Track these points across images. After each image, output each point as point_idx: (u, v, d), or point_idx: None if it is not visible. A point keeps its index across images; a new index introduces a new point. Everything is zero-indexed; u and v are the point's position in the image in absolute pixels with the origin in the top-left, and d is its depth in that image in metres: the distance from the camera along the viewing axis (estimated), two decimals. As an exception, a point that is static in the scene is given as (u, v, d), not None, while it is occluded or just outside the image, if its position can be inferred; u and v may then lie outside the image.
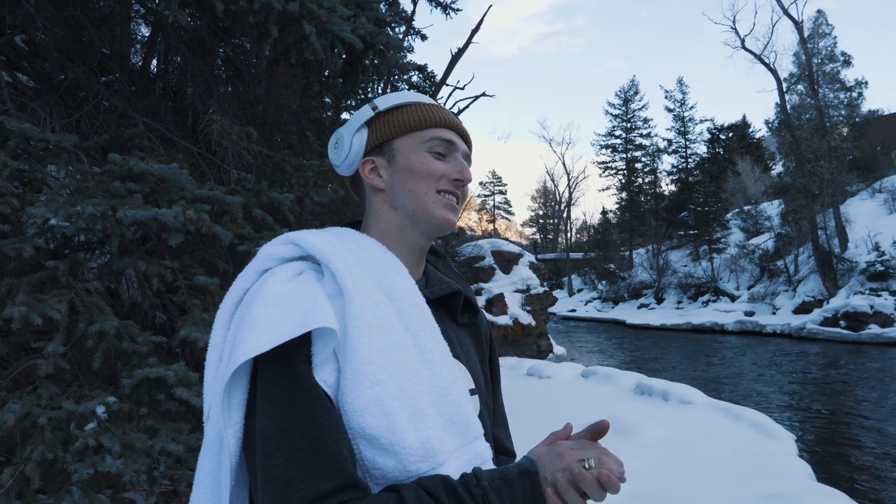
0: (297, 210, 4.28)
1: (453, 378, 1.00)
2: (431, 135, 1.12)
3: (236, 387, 0.90)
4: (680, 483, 5.30)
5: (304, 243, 1.02)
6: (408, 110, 1.14)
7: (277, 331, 0.86)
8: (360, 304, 0.94)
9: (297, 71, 5.11)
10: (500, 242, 20.83)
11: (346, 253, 1.02)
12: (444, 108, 1.18)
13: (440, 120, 1.14)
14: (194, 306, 3.26)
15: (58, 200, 2.89)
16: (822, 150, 27.35)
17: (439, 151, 1.12)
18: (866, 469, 7.43)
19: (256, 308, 0.92)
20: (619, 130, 49.82)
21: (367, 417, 0.88)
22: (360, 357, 0.90)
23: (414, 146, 1.12)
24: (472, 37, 13.90)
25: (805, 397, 12.11)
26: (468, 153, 1.18)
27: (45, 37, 4.07)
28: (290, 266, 1.00)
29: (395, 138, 1.13)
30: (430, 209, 1.10)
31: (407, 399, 0.92)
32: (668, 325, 29.46)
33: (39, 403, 2.77)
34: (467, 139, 1.19)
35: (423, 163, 1.11)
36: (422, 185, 1.10)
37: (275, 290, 0.94)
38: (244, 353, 0.86)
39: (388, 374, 0.91)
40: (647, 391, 9.32)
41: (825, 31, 32.19)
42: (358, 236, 1.10)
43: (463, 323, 1.20)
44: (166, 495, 3.81)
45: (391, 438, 0.88)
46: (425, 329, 1.01)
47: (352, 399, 0.88)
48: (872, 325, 21.05)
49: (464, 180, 1.13)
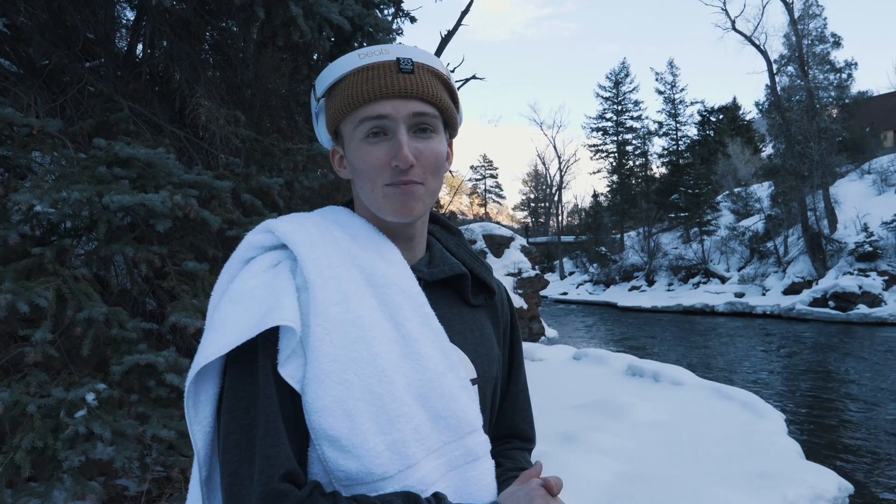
0: (287, 194, 4.25)
1: (446, 368, 0.94)
2: (361, 116, 0.96)
3: (205, 383, 0.91)
4: (670, 462, 5.35)
5: (278, 231, 0.97)
6: (339, 89, 0.99)
7: (236, 331, 0.85)
8: (324, 299, 0.89)
9: (285, 54, 5.05)
10: (491, 226, 20.82)
11: (322, 240, 0.96)
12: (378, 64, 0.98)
13: (366, 93, 0.95)
14: (184, 292, 3.24)
15: (43, 186, 2.86)
16: (811, 132, 27.42)
17: (375, 132, 0.96)
18: (854, 447, 7.52)
19: (223, 305, 0.91)
20: (610, 113, 49.82)
21: (328, 418, 0.84)
22: (322, 355, 0.85)
23: (351, 135, 0.99)
24: (461, 19, 13.81)
25: (794, 377, 12.23)
26: (419, 111, 0.97)
27: (28, 21, 4.00)
28: (268, 256, 0.96)
29: (339, 124, 1.01)
30: (381, 207, 0.98)
31: (374, 399, 0.86)
32: (660, 307, 29.63)
33: (28, 391, 2.76)
34: (411, 90, 0.96)
35: (360, 157, 0.97)
36: (367, 182, 0.98)
37: (244, 284, 0.91)
38: (205, 356, 0.85)
39: (353, 373, 0.86)
40: (638, 372, 9.39)
41: (815, 12, 32.13)
42: (348, 218, 1.04)
43: (477, 304, 1.11)
44: (159, 481, 3.80)
45: (353, 441, 0.84)
46: (412, 318, 0.95)
47: (312, 399, 0.84)
48: (861, 306, 21.24)
49: (400, 165, 0.94)
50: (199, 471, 0.91)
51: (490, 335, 1.11)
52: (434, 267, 1.05)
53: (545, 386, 8.76)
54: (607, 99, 49.81)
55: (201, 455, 0.91)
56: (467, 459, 0.95)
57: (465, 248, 1.15)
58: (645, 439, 6.06)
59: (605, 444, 5.69)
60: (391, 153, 0.95)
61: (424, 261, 1.06)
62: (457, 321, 1.04)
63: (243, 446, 0.83)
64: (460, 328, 1.04)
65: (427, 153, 0.97)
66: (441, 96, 1.00)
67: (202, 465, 0.91)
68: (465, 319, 1.07)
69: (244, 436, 0.84)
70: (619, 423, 6.56)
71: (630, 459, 5.31)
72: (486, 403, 1.06)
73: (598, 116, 50.32)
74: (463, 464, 0.94)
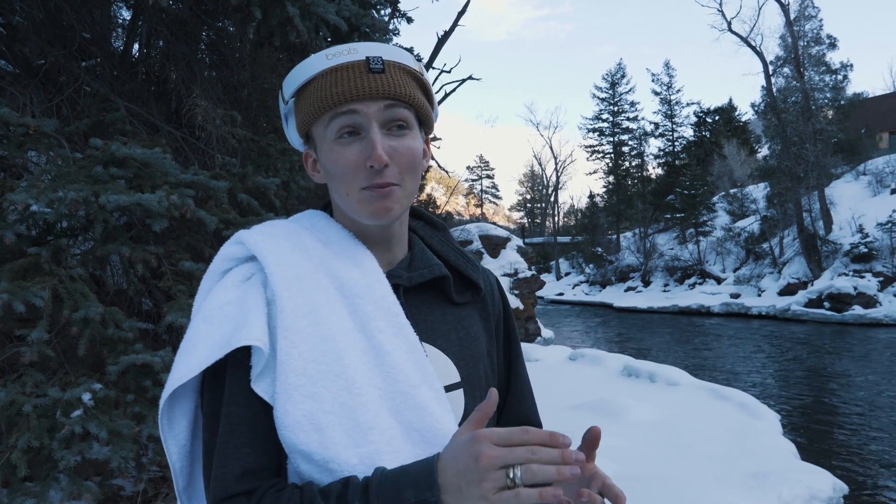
0: (283, 195, 4.26)
1: (419, 380, 0.91)
2: (331, 115, 0.92)
3: (181, 398, 0.94)
4: (666, 463, 5.36)
5: (248, 242, 0.95)
6: (308, 91, 0.95)
7: (206, 352, 0.86)
8: (291, 312, 0.87)
9: (281, 54, 5.05)
10: (487, 226, 20.83)
11: (292, 251, 0.94)
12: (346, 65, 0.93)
13: (335, 96, 0.91)
14: (180, 292, 3.24)
15: (39, 186, 2.85)
16: (807, 133, 27.50)
17: (349, 132, 0.92)
18: (849, 447, 7.55)
19: (196, 324, 0.91)
20: (607, 114, 49.81)
21: (299, 434, 0.83)
22: (289, 370, 0.84)
23: (322, 137, 0.95)
24: (457, 20, 13.82)
25: (789, 378, 12.26)
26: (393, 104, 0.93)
27: (24, 20, 4.00)
28: (242, 269, 0.95)
29: (310, 127, 0.97)
30: (357, 211, 0.94)
31: (345, 412, 0.85)
32: (655, 308, 29.68)
33: (24, 391, 2.76)
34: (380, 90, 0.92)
35: (333, 160, 0.93)
36: (342, 186, 0.94)
37: (217, 301, 0.91)
38: (177, 377, 0.87)
39: (322, 387, 0.84)
40: (634, 373, 9.41)
41: (811, 13, 32.21)
42: (324, 223, 1.01)
43: (462, 302, 1.06)
44: (155, 481, 3.80)
45: (325, 455, 0.83)
46: (384, 328, 0.92)
47: (282, 414, 0.83)
48: (856, 307, 21.30)
49: (374, 166, 0.90)
50: (177, 480, 0.95)
51: (477, 332, 1.07)
52: (414, 270, 1.02)
53: (541, 386, 8.72)
54: (603, 100, 49.84)
55: (177, 467, 0.94)
56: None
57: (450, 244, 1.11)
58: (640, 439, 6.07)
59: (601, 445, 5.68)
60: (364, 153, 0.91)
61: (405, 263, 1.03)
62: (439, 323, 1.02)
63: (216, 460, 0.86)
64: (443, 330, 1.02)
65: (402, 151, 0.93)
66: (414, 94, 0.95)
67: (178, 476, 0.95)
68: (449, 319, 1.03)
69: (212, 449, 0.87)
70: (615, 424, 6.57)
71: (625, 460, 5.31)
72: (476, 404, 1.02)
73: (595, 117, 50.33)
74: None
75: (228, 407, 0.87)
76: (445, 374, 0.98)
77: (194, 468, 0.97)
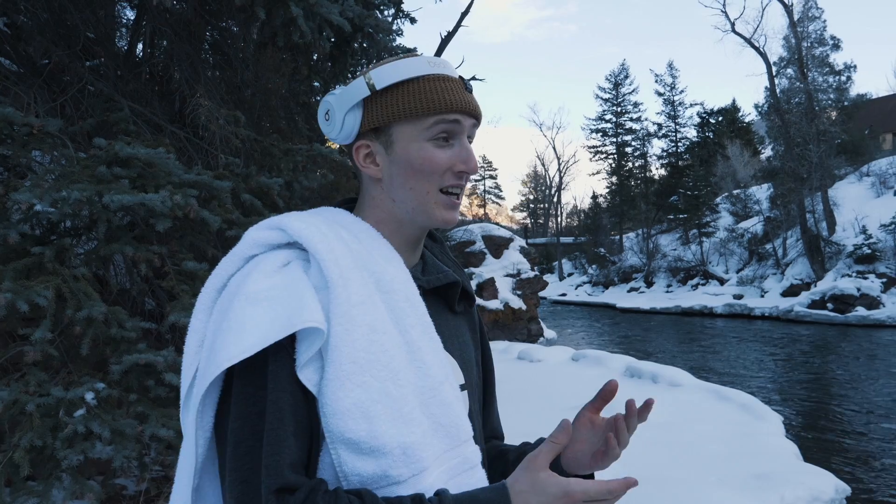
0: (286, 195, 4.26)
1: (444, 377, 0.95)
2: (437, 118, 0.98)
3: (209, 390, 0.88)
4: (668, 463, 5.36)
5: (291, 229, 0.94)
6: (410, 89, 0.98)
7: (258, 334, 0.82)
8: (346, 300, 0.88)
9: (285, 55, 5.06)
10: (490, 227, 20.84)
11: (335, 241, 0.94)
12: (450, 78, 1.01)
13: (447, 103, 0.97)
14: (183, 292, 3.25)
15: (43, 186, 2.86)
16: (810, 134, 27.45)
17: (444, 137, 0.99)
18: (851, 449, 7.53)
19: (238, 306, 0.86)
20: (610, 115, 49.78)
21: (349, 421, 0.83)
22: (343, 357, 0.85)
23: (415, 135, 0.98)
24: (461, 20, 13.82)
25: (792, 379, 12.24)
26: (476, 124, 1.04)
27: (28, 20, 4.01)
28: (277, 254, 0.94)
29: (394, 124, 0.99)
30: (430, 211, 1.00)
31: (391, 402, 0.87)
32: (658, 309, 29.62)
33: (27, 390, 2.76)
34: (476, 112, 1.03)
35: (425, 158, 0.98)
36: (423, 184, 0.99)
37: (258, 285, 0.88)
38: (225, 359, 0.83)
39: (371, 375, 0.86)
40: (636, 374, 9.40)
41: (815, 14, 32.18)
42: (351, 220, 1.02)
43: (459, 311, 1.13)
44: (157, 481, 3.81)
45: (373, 444, 0.84)
46: (416, 325, 0.95)
47: (332, 401, 0.83)
48: (859, 308, 21.24)
49: (468, 172, 1.00)
50: (197, 473, 0.90)
51: (468, 341, 1.14)
52: (429, 275, 1.06)
53: (543, 387, 8.76)
54: (607, 100, 49.81)
55: (199, 459, 0.89)
56: (465, 467, 0.95)
57: (449, 257, 1.17)
58: (643, 440, 6.04)
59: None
60: (459, 157, 1.00)
61: (418, 269, 1.07)
62: (445, 328, 1.05)
63: (255, 454, 0.82)
64: (448, 335, 1.05)
65: (476, 165, 1.02)
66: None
67: (197, 473, 0.90)
68: (451, 326, 1.08)
69: (256, 443, 0.82)
70: (618, 425, 6.55)
71: (628, 460, 5.30)
72: (475, 408, 1.09)
73: (598, 118, 50.30)
74: (462, 472, 0.94)
75: (275, 393, 0.84)
76: (456, 376, 1.04)
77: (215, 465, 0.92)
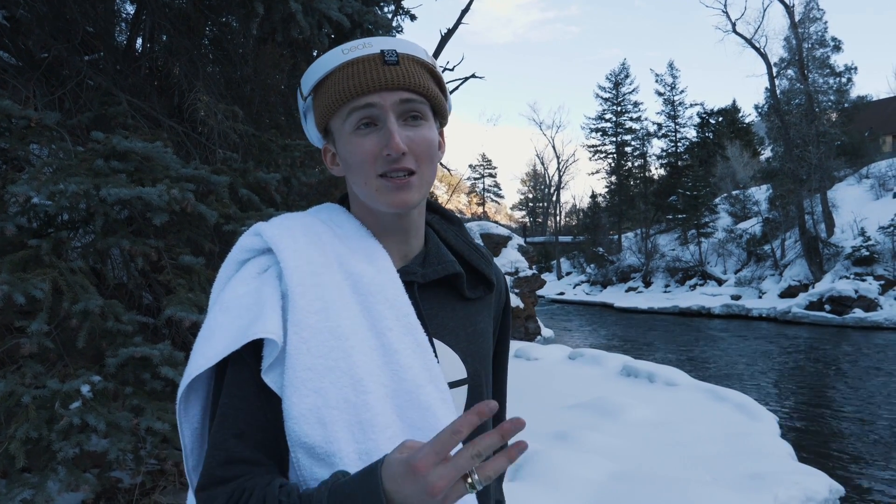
0: (284, 190, 4.26)
1: (426, 380, 0.93)
2: (349, 108, 0.95)
3: (195, 384, 0.97)
4: (663, 463, 5.37)
5: (265, 235, 0.98)
6: (326, 85, 0.98)
7: (222, 343, 0.89)
8: (302, 308, 0.89)
9: (284, 50, 5.05)
10: (489, 225, 20.84)
11: (308, 245, 0.96)
12: (362, 58, 0.96)
13: (353, 89, 0.93)
14: (180, 286, 3.25)
15: (40, 178, 2.86)
16: (810, 136, 27.46)
17: (366, 123, 0.95)
18: (846, 450, 7.55)
19: (213, 313, 0.94)
20: (610, 114, 49.80)
21: (303, 426, 0.85)
22: (298, 364, 0.87)
23: (340, 128, 0.97)
24: (461, 18, 13.81)
25: (789, 380, 12.26)
26: (409, 97, 0.95)
27: (27, 13, 4.01)
28: (259, 261, 0.98)
29: (329, 121, 1.00)
30: (375, 199, 0.96)
31: (349, 408, 0.87)
32: (656, 309, 29.65)
33: (23, 382, 2.77)
34: (397, 82, 0.94)
35: (351, 151, 0.96)
36: (360, 175, 0.96)
37: (236, 291, 0.94)
38: (196, 366, 0.90)
39: (329, 382, 0.87)
40: (633, 373, 9.42)
41: (816, 15, 32.17)
42: (344, 218, 1.03)
43: (474, 297, 1.08)
44: (153, 474, 3.82)
45: (327, 448, 0.85)
46: (395, 327, 0.93)
47: (288, 406, 0.86)
48: (857, 310, 21.28)
49: (392, 153, 0.92)
50: (187, 460, 0.99)
51: (485, 328, 1.09)
52: (429, 266, 1.03)
53: (540, 385, 8.78)
54: (607, 100, 49.81)
55: (188, 448, 0.98)
56: None
57: (465, 239, 1.13)
58: (638, 439, 6.08)
59: (598, 444, 5.71)
60: (382, 142, 0.93)
61: (419, 259, 1.04)
62: (449, 319, 1.03)
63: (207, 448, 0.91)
64: (452, 326, 1.03)
65: (418, 140, 0.95)
66: (428, 85, 0.98)
67: (189, 456, 0.98)
68: (459, 315, 1.05)
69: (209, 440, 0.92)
70: (613, 424, 6.58)
71: (623, 459, 5.33)
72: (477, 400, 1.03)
73: (598, 117, 50.32)
74: None
75: (224, 398, 0.90)
76: (452, 371, 1.01)
77: (203, 450, 1.00)
